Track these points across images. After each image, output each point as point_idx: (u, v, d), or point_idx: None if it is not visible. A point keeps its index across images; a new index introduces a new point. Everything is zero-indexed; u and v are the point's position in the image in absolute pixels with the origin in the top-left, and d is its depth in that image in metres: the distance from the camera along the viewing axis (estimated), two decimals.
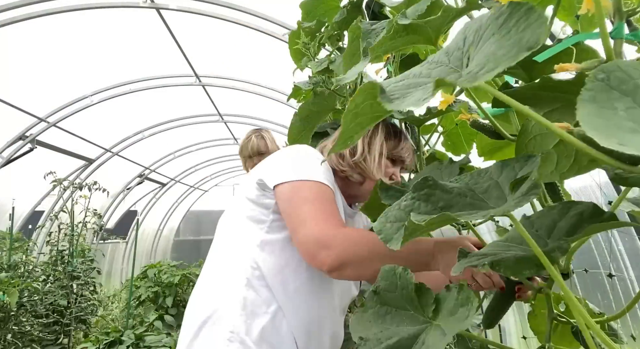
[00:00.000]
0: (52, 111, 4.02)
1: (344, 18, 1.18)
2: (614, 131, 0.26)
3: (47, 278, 3.91)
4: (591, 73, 0.30)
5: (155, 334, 3.37)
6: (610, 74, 0.30)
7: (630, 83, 0.29)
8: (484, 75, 0.35)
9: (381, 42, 0.61)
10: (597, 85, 0.29)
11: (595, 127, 0.26)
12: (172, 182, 7.89)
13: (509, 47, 0.36)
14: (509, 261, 0.48)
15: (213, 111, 5.16)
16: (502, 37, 0.38)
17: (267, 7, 3.03)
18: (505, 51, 0.36)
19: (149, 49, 3.76)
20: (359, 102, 0.42)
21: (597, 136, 0.26)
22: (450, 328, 0.46)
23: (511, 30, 0.38)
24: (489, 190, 0.50)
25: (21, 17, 2.89)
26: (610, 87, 0.29)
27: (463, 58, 0.43)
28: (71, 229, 4.05)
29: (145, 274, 4.64)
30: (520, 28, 0.37)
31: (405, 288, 0.54)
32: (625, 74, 0.30)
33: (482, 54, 0.39)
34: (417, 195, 0.50)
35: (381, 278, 0.57)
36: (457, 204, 0.49)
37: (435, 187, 0.50)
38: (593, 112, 0.28)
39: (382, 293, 0.56)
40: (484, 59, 0.38)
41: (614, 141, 0.25)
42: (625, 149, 0.24)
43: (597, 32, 0.46)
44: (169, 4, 3.02)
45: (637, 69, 0.30)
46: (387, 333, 0.52)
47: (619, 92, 0.29)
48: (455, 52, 0.45)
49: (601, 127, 0.26)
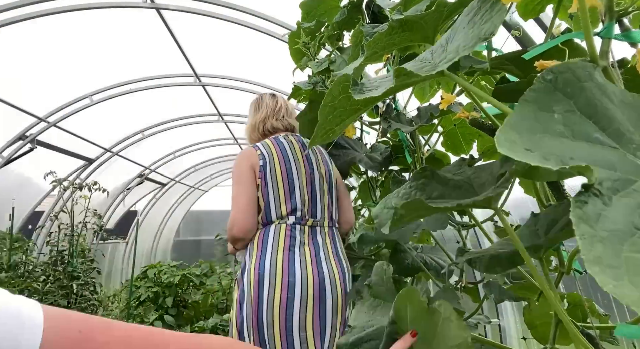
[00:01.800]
0: (52, 111, 4.02)
1: (344, 18, 1.18)
2: (538, 135, 0.26)
3: (47, 278, 3.90)
4: (540, 74, 0.30)
5: None
6: (559, 76, 0.30)
7: (576, 86, 0.29)
8: (443, 65, 0.38)
9: (377, 39, 0.61)
10: (544, 87, 0.29)
11: (518, 131, 0.26)
12: (172, 183, 7.88)
13: (469, 39, 0.39)
14: (501, 257, 0.49)
15: (213, 111, 5.15)
16: (469, 30, 0.41)
17: (267, 7, 3.03)
18: (466, 43, 0.39)
19: (149, 49, 3.76)
20: (335, 94, 0.43)
21: (502, 143, 0.25)
22: None
23: (476, 24, 0.40)
24: (486, 184, 0.51)
25: (21, 17, 2.89)
26: (555, 89, 0.29)
27: (442, 54, 0.44)
28: (71, 229, 4.05)
29: (145, 274, 4.63)
30: (483, 20, 0.39)
31: (389, 281, 0.60)
32: (573, 75, 0.30)
33: (452, 46, 0.41)
34: (415, 184, 0.53)
35: (373, 273, 0.63)
36: (449, 195, 0.50)
37: (432, 177, 0.53)
38: (529, 114, 0.28)
39: (374, 287, 0.62)
40: (449, 52, 0.41)
41: (521, 148, 0.25)
42: (527, 157, 0.24)
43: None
44: (169, 4, 3.02)
45: (587, 72, 0.30)
46: (370, 322, 0.57)
47: (563, 95, 0.29)
48: (438, 50, 0.46)
49: (525, 131, 0.26)
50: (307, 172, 1.52)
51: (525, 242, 0.49)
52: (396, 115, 1.13)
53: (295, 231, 1.44)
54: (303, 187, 1.49)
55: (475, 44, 0.36)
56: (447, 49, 0.42)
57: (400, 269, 1.13)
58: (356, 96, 0.39)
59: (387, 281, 0.60)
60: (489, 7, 0.39)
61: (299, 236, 1.44)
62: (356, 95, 0.39)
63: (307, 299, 1.35)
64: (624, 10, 0.42)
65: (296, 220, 1.46)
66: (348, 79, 0.41)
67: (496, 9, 0.38)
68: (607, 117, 0.27)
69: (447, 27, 0.67)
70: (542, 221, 0.52)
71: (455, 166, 0.77)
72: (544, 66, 0.44)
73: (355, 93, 0.40)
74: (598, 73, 0.31)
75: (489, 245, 0.57)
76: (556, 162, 0.24)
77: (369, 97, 0.39)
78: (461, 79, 0.42)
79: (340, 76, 0.43)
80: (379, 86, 0.41)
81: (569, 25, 0.70)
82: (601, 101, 0.28)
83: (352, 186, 2.30)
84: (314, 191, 1.51)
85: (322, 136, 0.48)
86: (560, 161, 0.24)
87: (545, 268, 0.47)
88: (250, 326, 1.35)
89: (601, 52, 0.40)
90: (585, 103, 0.28)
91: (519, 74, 0.62)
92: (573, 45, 0.55)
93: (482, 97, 0.38)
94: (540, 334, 0.80)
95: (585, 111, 0.28)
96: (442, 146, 1.19)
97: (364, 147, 1.48)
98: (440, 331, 0.47)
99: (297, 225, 1.45)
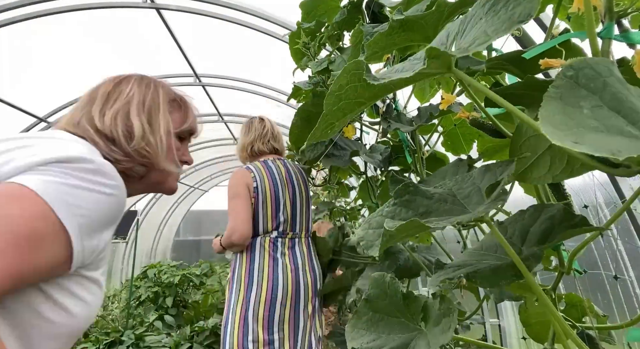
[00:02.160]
0: (52, 111, 4.02)
1: (344, 18, 1.18)
2: (574, 129, 0.26)
3: None
4: (560, 70, 0.30)
5: (155, 334, 3.36)
6: (579, 72, 0.30)
7: (598, 81, 0.29)
8: (475, 48, 0.36)
9: (377, 39, 0.61)
10: (565, 83, 0.29)
11: (554, 125, 0.26)
12: None
13: (499, 24, 0.37)
14: (485, 272, 0.47)
15: (213, 110, 5.15)
16: (491, 18, 0.39)
17: (267, 7, 3.03)
18: (496, 27, 0.37)
19: (149, 48, 3.76)
20: (343, 83, 0.41)
21: (550, 134, 0.25)
22: (434, 341, 0.46)
23: (500, 11, 0.39)
24: (471, 195, 0.50)
25: (21, 17, 2.89)
26: (578, 85, 0.29)
27: (447, 51, 0.43)
28: None
29: (145, 274, 4.63)
30: (509, 7, 0.38)
31: (394, 296, 0.55)
32: (594, 71, 0.30)
33: (471, 36, 0.40)
34: (399, 201, 0.50)
35: (371, 286, 0.58)
36: (437, 210, 0.48)
37: (416, 193, 0.50)
38: (557, 109, 0.28)
39: (373, 301, 0.57)
40: (474, 37, 0.39)
41: (568, 140, 0.25)
42: (579, 147, 0.24)
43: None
44: (169, 4, 3.01)
45: (606, 67, 0.30)
46: (378, 342, 0.52)
47: (587, 90, 0.29)
48: (439, 47, 0.45)
49: (560, 125, 0.26)
50: (290, 194, 1.83)
51: (503, 254, 0.48)
52: (396, 115, 1.12)
53: (278, 243, 1.78)
54: (287, 207, 1.81)
55: (509, 27, 0.35)
56: (456, 45, 0.41)
57: (395, 270, 1.12)
58: (372, 82, 0.37)
59: (391, 295, 0.55)
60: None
61: (280, 247, 1.77)
62: (372, 81, 0.38)
63: (286, 299, 1.69)
64: (623, 11, 0.42)
65: (278, 234, 1.79)
66: (359, 66, 0.39)
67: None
68: (634, 111, 0.27)
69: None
70: (511, 231, 0.51)
71: (435, 177, 0.76)
72: (549, 64, 0.43)
73: (370, 79, 0.38)
74: (616, 68, 0.30)
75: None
76: (608, 153, 0.23)
77: (388, 81, 0.37)
78: (467, 76, 0.42)
79: (349, 63, 0.40)
80: (392, 76, 0.39)
81: (568, 25, 0.70)
82: (625, 94, 0.28)
83: (352, 186, 2.30)
84: (295, 209, 1.84)
85: (323, 130, 0.46)
86: (611, 152, 0.23)
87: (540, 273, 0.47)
88: (239, 320, 1.65)
89: (603, 52, 0.40)
90: (611, 97, 0.28)
91: (519, 73, 0.62)
92: (570, 46, 0.55)
93: (493, 97, 0.37)
94: (535, 333, 0.80)
95: (612, 105, 0.28)
96: (442, 145, 1.19)
97: (364, 148, 1.48)
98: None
99: (279, 238, 1.79)
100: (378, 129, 1.27)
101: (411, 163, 1.12)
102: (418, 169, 1.11)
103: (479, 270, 0.47)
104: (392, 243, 0.46)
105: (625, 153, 0.23)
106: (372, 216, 0.51)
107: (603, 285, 1.77)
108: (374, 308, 0.56)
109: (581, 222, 0.45)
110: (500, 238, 0.42)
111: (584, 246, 0.53)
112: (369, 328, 0.55)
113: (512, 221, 0.53)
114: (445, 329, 0.46)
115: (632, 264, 1.66)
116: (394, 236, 0.43)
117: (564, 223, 0.46)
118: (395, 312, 0.54)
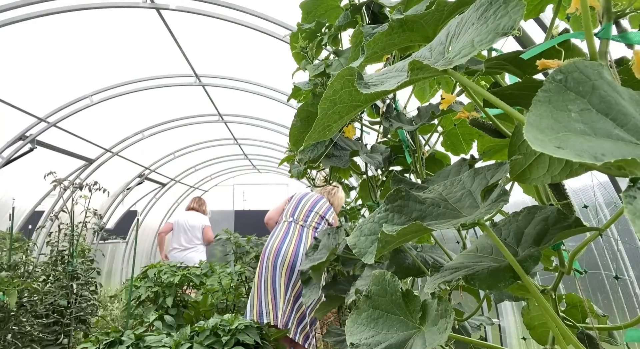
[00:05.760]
0: (52, 111, 4.01)
1: (347, 22, 1.18)
2: (559, 133, 0.26)
3: (47, 278, 3.90)
4: (550, 74, 0.30)
5: (155, 335, 3.36)
6: (568, 75, 0.30)
7: (587, 84, 0.29)
8: (459, 60, 0.36)
9: (377, 38, 0.61)
10: (554, 87, 0.29)
11: (540, 129, 0.26)
12: (172, 183, 7.88)
13: (485, 34, 0.37)
14: (483, 274, 0.47)
15: (213, 111, 5.15)
16: (480, 25, 0.39)
17: (267, 7, 3.03)
18: (482, 37, 0.37)
19: (149, 49, 3.76)
20: (337, 88, 0.42)
21: (532, 140, 0.25)
22: (431, 341, 0.46)
23: (489, 19, 0.39)
24: (462, 199, 0.49)
25: (21, 17, 2.89)
26: (567, 89, 0.29)
27: (444, 52, 0.43)
28: (71, 229, 4.05)
29: (145, 274, 4.62)
30: (497, 16, 0.38)
31: (394, 294, 0.55)
32: (583, 74, 0.30)
33: (461, 42, 0.40)
34: (391, 207, 0.49)
35: (372, 283, 0.58)
36: (431, 214, 0.48)
37: (408, 198, 0.50)
38: (545, 113, 0.27)
39: (373, 297, 0.57)
40: (461, 47, 0.39)
41: (551, 145, 0.24)
42: (560, 152, 0.24)
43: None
44: (169, 4, 3.01)
45: (595, 70, 0.30)
46: (377, 338, 0.52)
47: (575, 94, 0.29)
48: (437, 47, 0.44)
49: (547, 129, 0.26)
50: (309, 208, 2.95)
51: (500, 256, 0.48)
52: (396, 115, 1.12)
53: (290, 227, 2.88)
54: (303, 210, 2.95)
55: (493, 39, 0.35)
56: (452, 47, 0.41)
57: (401, 269, 1.12)
58: (363, 90, 0.38)
59: (391, 293, 0.56)
60: (502, 2, 0.38)
61: (291, 230, 2.86)
62: (362, 89, 0.38)
63: (284, 264, 2.73)
64: (621, 11, 0.42)
65: (292, 221, 2.91)
66: (352, 72, 0.39)
67: (511, 4, 0.37)
68: (622, 114, 0.27)
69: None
70: (505, 233, 0.51)
71: (438, 177, 0.76)
72: (546, 65, 0.43)
73: (361, 87, 0.38)
74: (606, 71, 0.30)
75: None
76: (590, 158, 0.23)
77: (377, 91, 0.38)
78: (463, 78, 0.42)
79: (343, 69, 0.41)
80: (384, 81, 0.39)
81: (568, 25, 0.70)
82: (614, 97, 0.28)
83: (352, 186, 2.30)
84: (309, 213, 2.94)
85: (320, 132, 0.47)
86: (593, 157, 0.23)
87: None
88: (258, 276, 2.86)
89: (600, 52, 0.40)
90: (599, 101, 0.28)
91: (519, 73, 0.62)
92: (570, 46, 0.54)
93: (489, 98, 0.37)
94: (538, 335, 0.79)
95: (601, 109, 0.28)
96: (442, 145, 1.18)
97: (364, 148, 1.48)
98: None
99: (292, 224, 2.89)
100: (378, 129, 1.27)
101: (411, 163, 1.12)
102: (418, 169, 1.11)
103: (477, 272, 0.47)
104: (387, 249, 0.46)
105: (609, 157, 0.23)
106: (363, 222, 0.51)
107: (603, 285, 1.77)
108: (374, 305, 0.56)
109: (575, 223, 0.45)
110: (496, 241, 0.42)
111: (584, 246, 0.53)
112: (368, 324, 0.55)
113: (507, 223, 0.53)
114: (442, 329, 0.46)
115: (632, 264, 1.65)
116: (390, 242, 0.43)
117: (558, 224, 0.46)
118: (394, 309, 0.54)
